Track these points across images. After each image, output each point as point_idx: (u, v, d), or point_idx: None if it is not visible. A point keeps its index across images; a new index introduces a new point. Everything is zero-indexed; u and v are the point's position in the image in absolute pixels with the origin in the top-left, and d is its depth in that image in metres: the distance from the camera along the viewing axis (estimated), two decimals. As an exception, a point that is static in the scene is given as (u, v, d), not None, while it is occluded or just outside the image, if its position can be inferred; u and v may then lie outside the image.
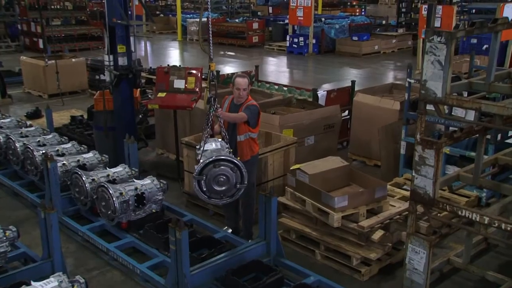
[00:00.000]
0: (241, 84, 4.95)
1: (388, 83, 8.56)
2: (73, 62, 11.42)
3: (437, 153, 3.84)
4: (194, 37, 20.60)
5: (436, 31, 3.68)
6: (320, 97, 7.53)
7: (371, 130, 7.17)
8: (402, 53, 17.85)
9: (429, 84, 3.78)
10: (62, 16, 18.78)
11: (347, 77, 14.08)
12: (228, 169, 4.40)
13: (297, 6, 17.10)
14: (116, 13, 6.32)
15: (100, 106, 6.87)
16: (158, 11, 27.70)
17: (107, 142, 6.91)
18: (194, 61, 16.68)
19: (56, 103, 10.47)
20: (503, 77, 4.66)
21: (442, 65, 3.67)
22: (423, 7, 13.73)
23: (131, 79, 6.64)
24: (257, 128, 5.06)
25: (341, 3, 30.63)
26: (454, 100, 3.70)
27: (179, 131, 7.01)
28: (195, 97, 6.48)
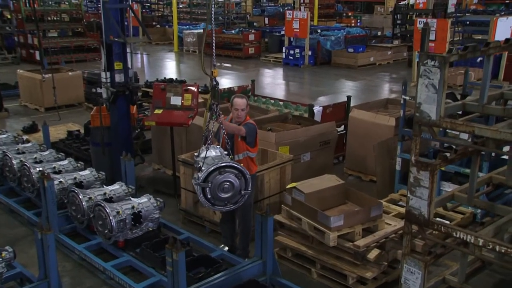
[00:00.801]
0: (239, 105, 4.99)
1: (383, 99, 8.62)
2: (69, 76, 11.44)
3: (432, 175, 3.88)
4: (191, 48, 20.68)
5: (430, 55, 3.73)
6: (316, 112, 7.58)
7: (366, 146, 7.22)
8: (397, 64, 17.96)
9: (424, 107, 3.83)
10: (59, 28, 18.80)
11: (343, 90, 14.16)
12: (232, 175, 4.39)
13: (293, 18, 17.21)
14: (113, 30, 6.36)
15: (97, 122, 6.90)
16: (154, 22, 27.78)
17: (103, 158, 6.94)
18: (191, 73, 16.74)
19: (52, 116, 10.47)
20: (496, 97, 4.73)
21: (436, 89, 3.72)
22: (418, 20, 13.83)
23: (128, 95, 6.68)
24: (256, 148, 5.07)
25: (336, 14, 30.79)
26: (448, 123, 3.75)
27: (176, 147, 7.04)
28: (192, 114, 6.52)
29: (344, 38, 18.29)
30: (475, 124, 3.68)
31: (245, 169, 4.48)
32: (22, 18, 17.28)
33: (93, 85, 11.72)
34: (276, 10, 34.68)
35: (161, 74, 15.37)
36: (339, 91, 13.90)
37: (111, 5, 6.32)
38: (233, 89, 9.22)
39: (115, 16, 6.38)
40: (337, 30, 20.73)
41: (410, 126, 5.88)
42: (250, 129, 4.95)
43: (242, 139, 4.95)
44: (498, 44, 4.06)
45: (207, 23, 5.06)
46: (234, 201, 4.49)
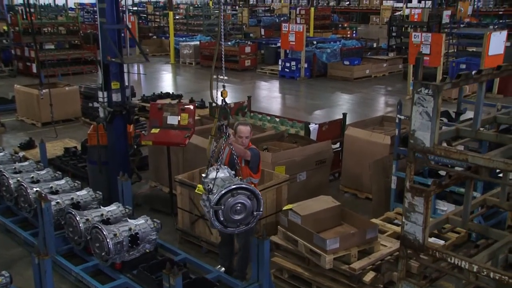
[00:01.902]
0: (244, 132, 4.97)
1: (378, 116, 8.69)
2: (66, 91, 11.48)
3: (426, 201, 3.93)
4: (187, 60, 20.75)
5: (424, 83, 3.79)
6: (312, 130, 7.63)
7: (362, 164, 7.27)
8: (392, 77, 18.07)
9: (418, 134, 3.88)
10: (56, 40, 18.84)
11: (339, 103, 14.25)
12: (245, 197, 4.37)
13: (289, 31, 17.32)
14: (110, 51, 6.40)
15: (94, 141, 6.94)
16: (151, 33, 27.89)
17: (100, 176, 6.96)
18: (187, 86, 16.81)
19: (49, 131, 10.50)
20: (489, 121, 4.79)
21: (430, 116, 3.78)
22: (413, 34, 13.95)
23: (125, 115, 6.71)
24: (259, 174, 5.04)
25: (332, 25, 30.98)
26: (442, 151, 3.80)
27: (173, 165, 7.07)
28: (189, 133, 6.56)
29: (340, 50, 18.40)
30: (468, 152, 3.73)
31: (257, 190, 4.46)
32: (19, 31, 17.33)
33: (90, 100, 11.77)
34: (272, 20, 34.88)
35: (158, 87, 15.43)
36: (335, 105, 13.97)
37: (109, 26, 6.36)
38: (229, 106, 9.24)
39: (112, 36, 6.42)
40: (333, 42, 20.84)
41: (405, 145, 5.94)
42: (254, 155, 4.95)
43: (246, 164, 4.91)
44: (490, 72, 4.12)
45: (217, 41, 5.02)
46: (246, 222, 4.46)
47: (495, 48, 13.44)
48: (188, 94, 14.29)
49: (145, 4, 43.87)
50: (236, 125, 5.10)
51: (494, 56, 13.59)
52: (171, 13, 21.15)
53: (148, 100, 11.97)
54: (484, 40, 13.25)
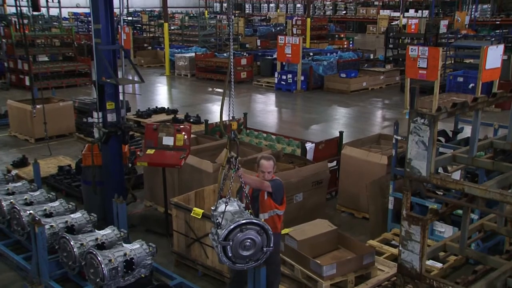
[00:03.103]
0: (266, 167, 4.80)
1: (375, 134, 8.75)
2: (60, 106, 11.50)
3: (423, 229, 3.98)
4: (182, 72, 20.81)
5: (420, 113, 3.85)
6: (308, 149, 7.68)
7: (359, 183, 7.31)
8: (390, 89, 18.17)
9: (414, 163, 3.94)
10: (49, 53, 18.89)
11: (335, 117, 14.32)
12: (254, 232, 4.25)
13: (285, 44, 17.42)
14: (105, 72, 6.45)
15: (89, 161, 6.96)
16: (146, 44, 27.97)
17: (95, 197, 6.99)
18: (183, 99, 16.85)
19: (43, 148, 10.51)
20: (486, 146, 4.86)
21: (426, 146, 3.84)
22: (410, 48, 14.06)
23: (120, 135, 6.75)
24: (284, 206, 4.84)
25: (329, 35, 31.16)
26: (438, 180, 3.85)
27: (168, 185, 7.10)
28: (184, 154, 6.59)
29: (337, 62, 18.51)
30: (464, 182, 3.79)
31: (267, 224, 4.33)
32: (12, 43, 17.37)
33: (84, 115, 11.79)
34: (268, 30, 35.09)
35: (153, 101, 15.48)
36: (331, 119, 14.05)
37: (104, 46, 6.42)
38: (225, 123, 9.30)
39: (108, 57, 6.47)
40: (330, 53, 20.97)
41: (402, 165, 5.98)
42: (277, 185, 4.75)
43: (269, 196, 4.74)
44: (485, 99, 4.19)
45: (229, 63, 4.92)
46: (255, 258, 4.33)
47: (492, 62, 13.56)
48: (184, 108, 14.36)
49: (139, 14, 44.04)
50: (259, 159, 4.92)
51: (492, 70, 13.72)
52: (166, 24, 21.24)
53: (143, 115, 12.01)
54: (481, 54, 13.37)
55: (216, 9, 60.63)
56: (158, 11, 49.99)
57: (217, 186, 4.84)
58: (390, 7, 46.59)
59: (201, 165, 6.97)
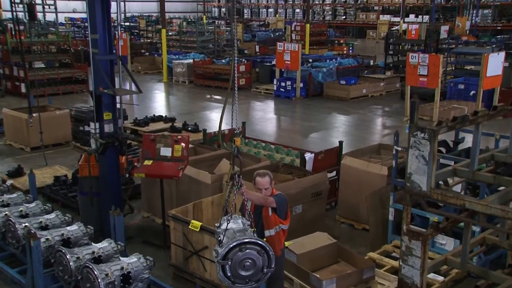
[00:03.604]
0: (262, 184, 4.74)
1: (375, 144, 8.77)
2: (56, 115, 11.50)
3: (424, 244, 3.99)
4: (180, 79, 20.84)
5: (420, 127, 3.87)
6: (308, 160, 7.70)
7: (359, 194, 7.32)
8: (390, 96, 18.22)
9: (414, 178, 3.96)
10: (46, 59, 18.91)
11: (335, 125, 14.35)
12: (254, 252, 4.21)
13: (284, 50, 17.46)
14: (102, 82, 6.47)
15: (85, 172, 6.96)
16: (143, 50, 28.01)
17: (92, 208, 6.99)
18: (180, 106, 16.88)
19: (38, 157, 10.50)
20: (487, 159, 4.88)
21: (426, 160, 3.85)
22: (410, 55, 14.12)
23: (117, 146, 6.76)
24: (288, 220, 4.79)
25: (328, 41, 31.24)
26: (439, 195, 3.87)
27: (166, 196, 7.10)
28: (182, 165, 6.60)
29: (336, 69, 18.55)
30: (465, 197, 3.80)
31: (268, 244, 4.28)
32: (8, 50, 17.39)
33: (80, 123, 11.80)
34: (267, 35, 35.17)
35: (150, 108, 15.50)
36: (331, 127, 14.08)
37: (101, 56, 6.44)
38: (223, 132, 9.32)
39: (105, 67, 6.49)
40: (329, 59, 21.02)
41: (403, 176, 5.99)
42: (281, 200, 4.71)
43: (273, 212, 4.70)
44: (486, 113, 4.21)
45: (232, 72, 4.89)
46: (255, 279, 4.29)
47: (493, 69, 13.61)
48: (182, 116, 14.39)
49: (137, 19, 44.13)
50: (254, 176, 4.85)
51: (493, 77, 13.76)
52: (163, 30, 21.29)
53: (140, 123, 12.03)
54: (482, 62, 13.42)
55: (214, 14, 60.78)
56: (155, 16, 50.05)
57: (223, 202, 4.78)
58: (390, 12, 46.75)
59: (199, 176, 6.98)
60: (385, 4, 47.10)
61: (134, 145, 11.10)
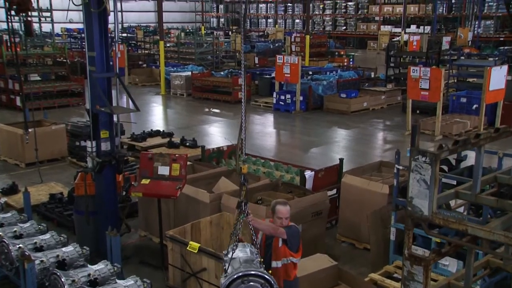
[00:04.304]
0: (283, 213, 4.73)
1: (377, 161, 8.79)
2: (52, 130, 11.53)
3: (426, 269, 3.99)
4: (178, 92, 20.91)
5: (421, 151, 3.89)
6: (308, 178, 7.71)
7: (360, 213, 7.33)
8: (391, 109, 18.28)
9: (415, 202, 3.97)
10: (41, 72, 18.98)
11: (335, 139, 14.39)
12: (258, 285, 4.17)
13: (284, 63, 17.54)
14: (99, 100, 6.51)
15: (82, 190, 6.98)
16: (140, 61, 28.12)
17: (88, 227, 6.99)
18: (178, 120, 16.93)
19: (33, 173, 10.50)
20: (489, 181, 4.89)
21: (428, 184, 3.87)
22: (411, 68, 14.19)
23: (114, 165, 6.79)
24: (300, 253, 4.76)
25: (328, 52, 31.39)
26: (440, 220, 3.88)
27: (163, 215, 7.11)
28: (180, 185, 6.62)
29: (336, 82, 18.63)
30: (468, 222, 3.81)
31: (273, 278, 4.24)
32: (3, 62, 17.46)
33: (77, 138, 11.82)
34: (267, 46, 35.31)
35: (148, 122, 15.54)
36: (331, 141, 14.11)
37: (98, 74, 6.48)
38: (222, 149, 9.37)
39: (102, 85, 6.54)
40: (329, 72, 21.12)
41: (404, 196, 6.01)
42: (292, 232, 4.69)
43: (283, 243, 4.66)
44: (488, 135, 4.23)
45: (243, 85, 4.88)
46: None
47: (496, 83, 13.68)
48: (179, 130, 14.42)
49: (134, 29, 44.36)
50: (274, 204, 4.84)
51: (496, 91, 13.83)
52: (161, 42, 21.40)
53: (137, 138, 12.05)
54: (484, 75, 13.49)
55: (213, 24, 61.13)
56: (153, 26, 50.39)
57: (222, 222, 4.81)
58: (391, 23, 47.01)
59: (198, 195, 6.99)
60: (386, 14, 47.37)
61: (131, 161, 11.11)
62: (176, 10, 59.45)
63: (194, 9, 55.51)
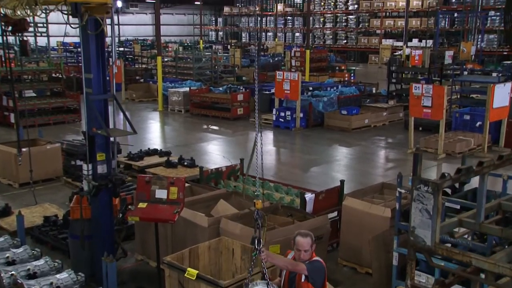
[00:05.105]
0: (303, 246, 4.63)
1: (378, 183, 8.81)
2: (47, 149, 11.55)
3: (429, 301, 4.00)
4: (176, 108, 20.97)
5: (423, 180, 3.91)
6: (308, 200, 7.72)
7: (361, 236, 7.33)
8: (393, 126, 18.33)
9: (418, 232, 3.98)
10: (37, 88, 19.05)
11: (336, 158, 14.42)
12: None
13: (284, 79, 17.62)
14: (96, 122, 6.54)
15: (77, 214, 6.98)
16: (138, 76, 28.25)
17: (83, 252, 6.98)
18: (176, 137, 16.99)
19: (27, 194, 10.49)
20: (494, 208, 4.91)
21: (430, 214, 3.89)
22: (413, 86, 14.26)
23: (110, 188, 6.80)
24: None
25: (329, 67, 31.55)
26: (444, 251, 3.89)
27: (161, 238, 7.09)
28: (178, 208, 6.62)
29: (337, 98, 18.71)
30: (472, 254, 3.82)
31: None
32: (-3, 79, 17.55)
33: (72, 157, 11.84)
34: (266, 60, 35.50)
35: (145, 140, 15.57)
36: (332, 160, 14.14)
37: (95, 96, 6.52)
38: (220, 170, 9.39)
39: (99, 107, 6.57)
40: (330, 87, 21.21)
41: (406, 220, 6.03)
42: (315, 268, 4.57)
43: (305, 280, 4.54)
44: (491, 163, 4.26)
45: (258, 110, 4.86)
46: None
47: (500, 101, 13.75)
48: (177, 148, 14.46)
49: (131, 43, 44.66)
50: (295, 235, 4.73)
51: (499, 108, 13.89)
52: (159, 58, 21.52)
53: (134, 158, 12.07)
54: (488, 93, 13.57)
55: (212, 38, 61.52)
56: (151, 40, 50.72)
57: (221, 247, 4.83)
58: (393, 36, 47.30)
59: (196, 218, 7.00)
60: (388, 28, 47.71)
61: (128, 181, 11.12)
62: (174, 23, 59.92)
63: (193, 22, 55.84)
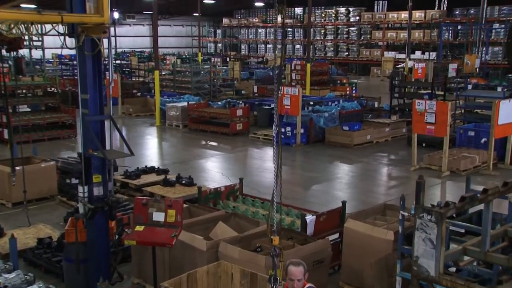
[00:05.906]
0: (295, 275, 4.71)
1: (381, 204, 8.82)
2: (41, 168, 11.56)
3: (433, 333, 4.00)
4: (174, 123, 21.01)
5: (426, 209, 3.95)
6: (309, 222, 7.73)
7: (364, 259, 7.33)
8: (396, 142, 18.36)
9: (421, 261, 4.01)
10: (31, 102, 19.10)
11: (338, 175, 14.43)
12: None
13: (284, 94, 17.68)
14: (92, 144, 6.57)
15: (72, 237, 6.99)
16: (134, 90, 28.33)
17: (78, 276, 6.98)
18: (174, 154, 17.00)
19: (21, 214, 10.44)
20: (499, 236, 4.93)
21: (434, 244, 3.91)
22: (416, 102, 14.32)
23: (107, 211, 6.81)
24: None
25: (330, 81, 31.66)
26: (448, 282, 3.91)
27: (158, 262, 7.09)
28: (176, 232, 6.63)
29: (339, 114, 18.76)
30: (476, 286, 3.84)
31: None
32: (-9, 94, 17.57)
33: (67, 175, 11.84)
34: (266, 73, 35.67)
35: (142, 157, 15.58)
36: (334, 177, 14.15)
37: (91, 117, 6.56)
38: (219, 190, 9.40)
39: (95, 128, 6.61)
40: (331, 102, 21.27)
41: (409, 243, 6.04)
42: None
43: None
44: (496, 190, 4.29)
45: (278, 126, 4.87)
46: None
47: (505, 117, 13.79)
48: (175, 165, 14.48)
49: (128, 55, 44.82)
50: (287, 265, 4.78)
51: (505, 125, 13.93)
52: (156, 72, 21.61)
53: (131, 176, 12.07)
54: (493, 109, 13.62)
55: (210, 50, 61.73)
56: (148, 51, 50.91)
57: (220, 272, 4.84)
58: (395, 49, 47.49)
59: (194, 242, 7.00)
60: (390, 40, 47.93)
61: (124, 200, 11.11)
62: (172, 34, 60.21)
63: (191, 34, 56.09)
